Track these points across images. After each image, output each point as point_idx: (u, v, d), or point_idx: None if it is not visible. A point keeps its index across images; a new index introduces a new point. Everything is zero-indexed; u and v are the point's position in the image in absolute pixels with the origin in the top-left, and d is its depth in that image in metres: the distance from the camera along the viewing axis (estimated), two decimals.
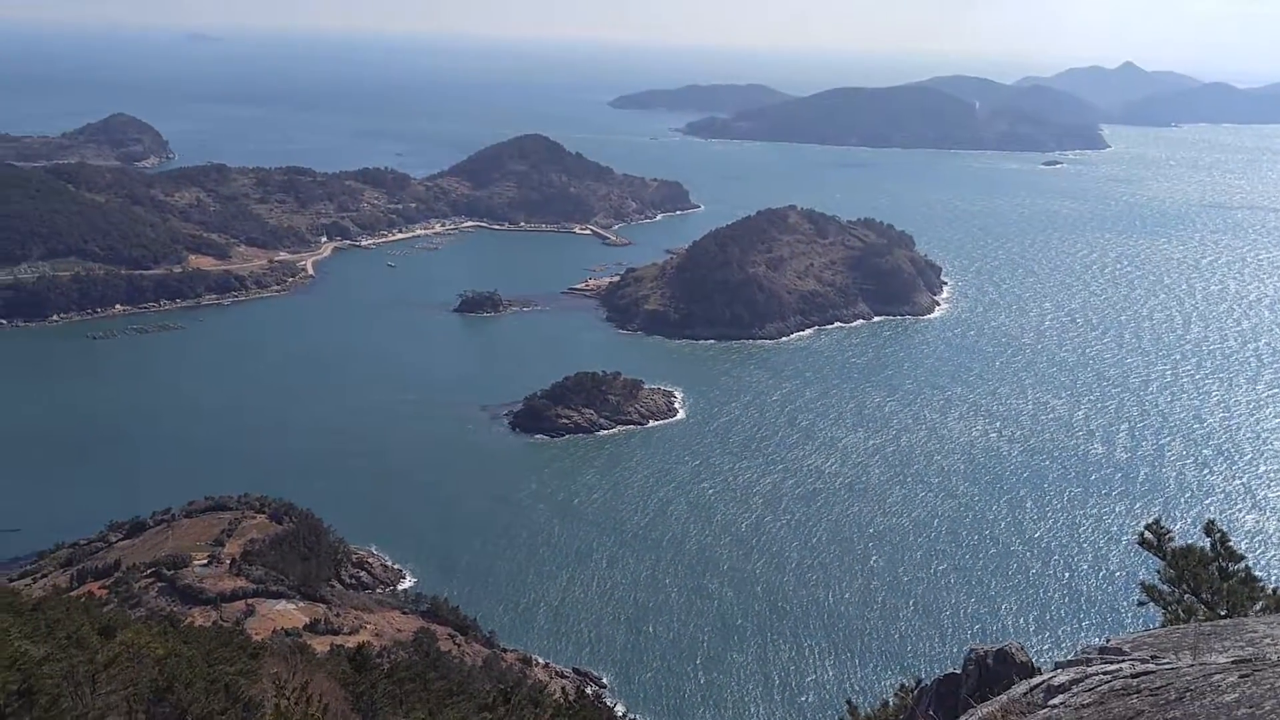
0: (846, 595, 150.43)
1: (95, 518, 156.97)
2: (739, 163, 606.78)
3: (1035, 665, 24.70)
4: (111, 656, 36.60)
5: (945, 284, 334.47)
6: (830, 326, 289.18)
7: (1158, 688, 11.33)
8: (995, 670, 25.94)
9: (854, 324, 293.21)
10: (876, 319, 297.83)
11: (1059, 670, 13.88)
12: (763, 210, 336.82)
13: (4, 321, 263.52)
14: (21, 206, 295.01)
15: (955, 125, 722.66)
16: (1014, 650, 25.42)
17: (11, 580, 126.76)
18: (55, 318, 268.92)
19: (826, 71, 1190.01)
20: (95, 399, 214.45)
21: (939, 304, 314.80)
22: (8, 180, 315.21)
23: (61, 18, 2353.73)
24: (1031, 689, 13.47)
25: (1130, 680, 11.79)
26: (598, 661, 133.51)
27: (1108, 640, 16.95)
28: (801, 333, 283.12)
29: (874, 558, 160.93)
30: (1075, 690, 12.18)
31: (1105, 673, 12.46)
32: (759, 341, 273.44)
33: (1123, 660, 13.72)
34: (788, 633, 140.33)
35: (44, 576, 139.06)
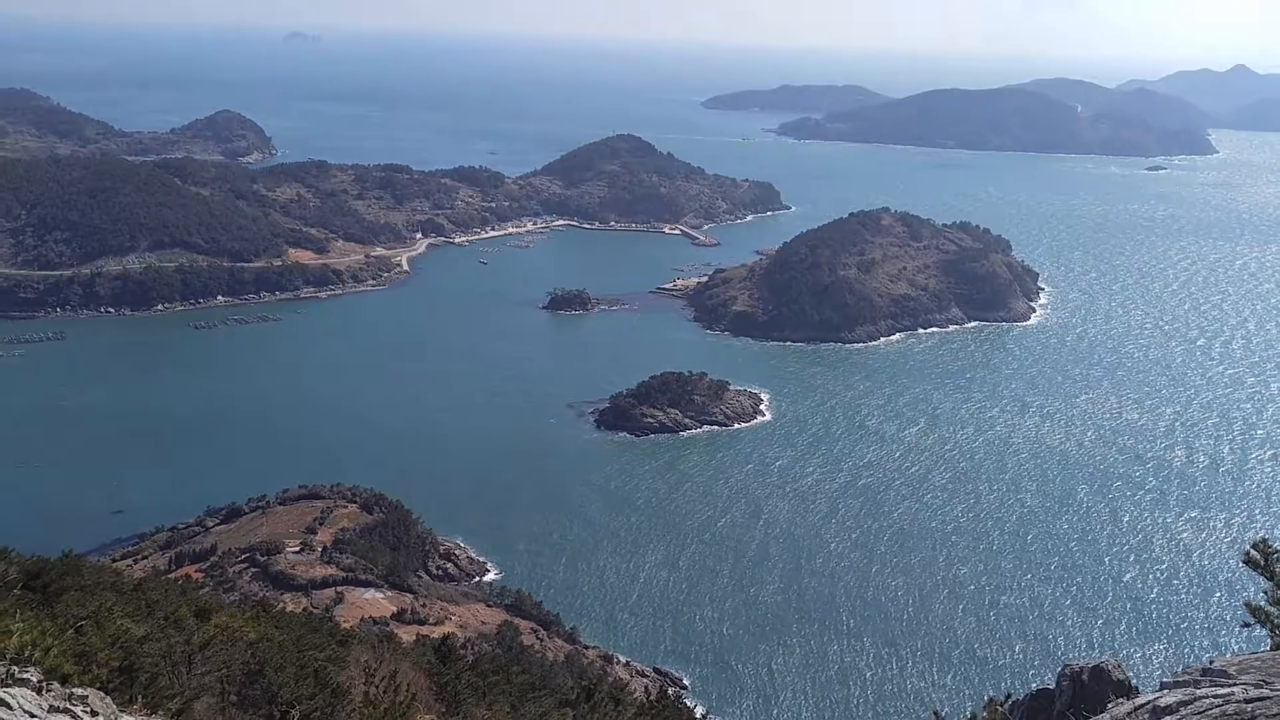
0: (932, 601, 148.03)
1: (194, 502, 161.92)
2: (832, 164, 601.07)
3: (1133, 684, 23.92)
4: (207, 638, 37.54)
5: (1042, 290, 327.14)
6: (922, 332, 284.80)
7: (1275, 715, 10.80)
8: (1090, 687, 25.16)
9: (947, 329, 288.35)
10: (970, 325, 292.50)
11: (1164, 691, 13.34)
12: (855, 212, 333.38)
13: (112, 310, 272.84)
14: (130, 199, 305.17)
15: (1056, 129, 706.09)
16: (1111, 667, 24.68)
17: (114, 560, 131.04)
18: (160, 307, 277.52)
19: (924, 73, 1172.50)
20: (196, 387, 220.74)
21: (1035, 310, 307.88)
22: (118, 174, 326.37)
23: (171, 20, 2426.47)
24: (1136, 709, 12.96)
25: (1244, 705, 11.27)
26: (678, 662, 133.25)
27: (1211, 661, 16.30)
28: (892, 337, 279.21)
29: (962, 565, 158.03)
30: (1184, 713, 11.67)
31: (1216, 696, 11.92)
32: (849, 345, 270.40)
33: (1232, 684, 13.14)
34: (867, 637, 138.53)
35: (144, 558, 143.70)
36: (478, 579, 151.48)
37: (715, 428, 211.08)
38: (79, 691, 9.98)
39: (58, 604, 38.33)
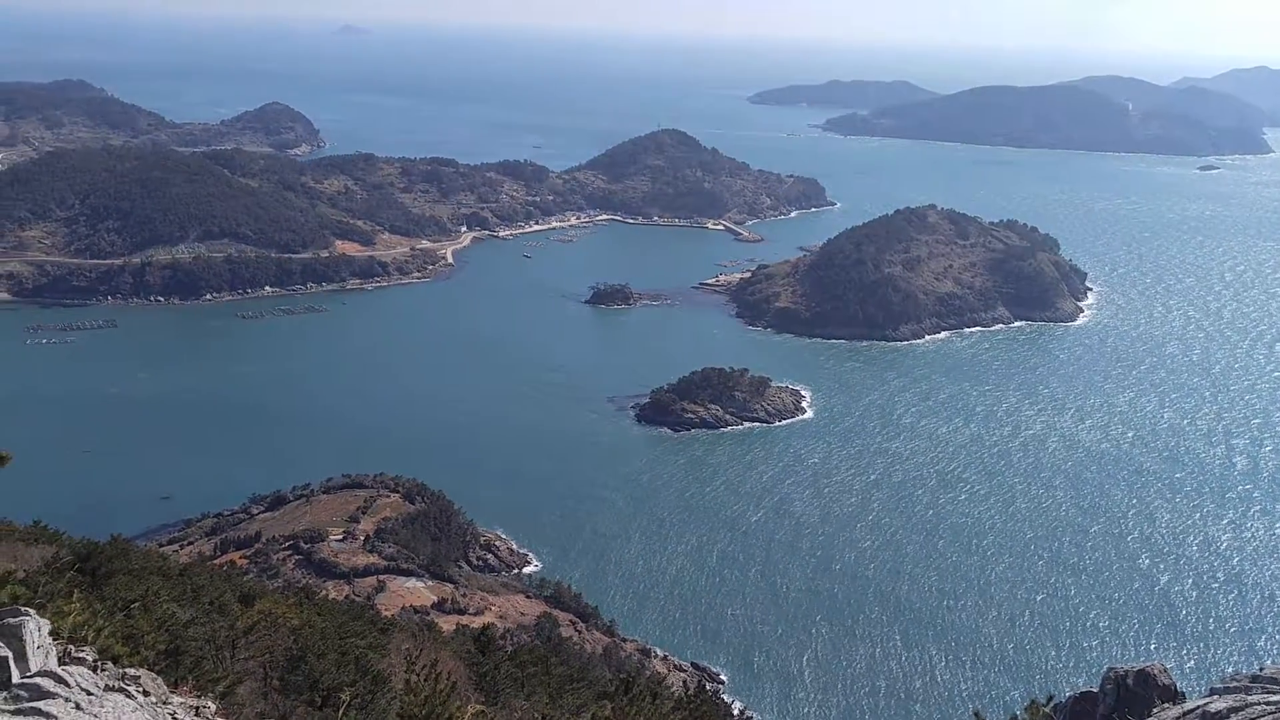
0: (963, 600, 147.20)
1: (239, 489, 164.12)
2: (878, 160, 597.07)
3: (1178, 689, 23.60)
4: (250, 624, 38.07)
5: (1090, 290, 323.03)
6: (968, 331, 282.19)
7: None
8: (1135, 691, 24.85)
9: (993, 328, 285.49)
10: (1016, 324, 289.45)
11: (1214, 697, 13.14)
12: (901, 209, 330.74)
13: (161, 299, 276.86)
14: (181, 190, 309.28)
15: (1106, 127, 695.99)
16: (1156, 672, 24.34)
17: (161, 545, 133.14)
18: (209, 297, 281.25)
19: (973, 69, 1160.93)
20: (243, 376, 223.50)
21: (1082, 310, 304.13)
22: (169, 165, 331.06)
23: (226, 12, 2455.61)
24: (1184, 714, 12.78)
25: None
26: (715, 656, 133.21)
27: (1261, 669, 16.06)
28: (937, 335, 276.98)
29: (994, 565, 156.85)
30: (1235, 719, 11.49)
31: (1269, 703, 11.73)
32: (893, 343, 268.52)
33: None
34: (899, 635, 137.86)
35: (190, 543, 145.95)
36: (517, 570, 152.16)
37: (756, 424, 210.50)
38: (131, 672, 10.16)
39: (107, 587, 39.01)
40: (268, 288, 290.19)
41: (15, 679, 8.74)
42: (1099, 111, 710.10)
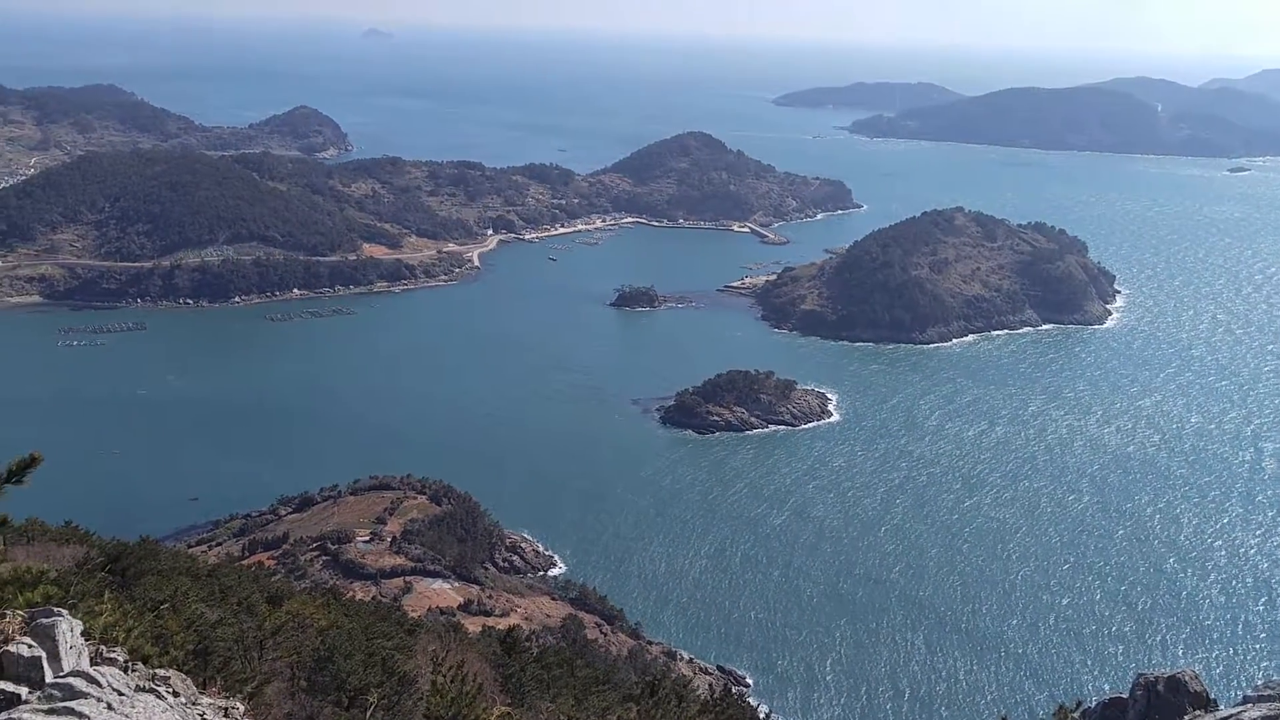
0: (986, 604, 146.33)
1: (267, 491, 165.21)
2: (905, 162, 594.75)
3: (1210, 696, 23.38)
4: (278, 624, 38.27)
5: (1119, 293, 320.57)
6: (995, 334, 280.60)
7: None
8: (1166, 698, 24.61)
9: (1020, 331, 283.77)
10: (1044, 327, 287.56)
11: (1248, 705, 12.99)
12: (928, 211, 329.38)
13: (190, 301, 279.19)
14: (210, 194, 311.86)
15: (1135, 128, 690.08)
16: (1188, 678, 24.15)
17: (190, 546, 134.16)
18: (237, 299, 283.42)
19: (1000, 70, 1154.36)
20: (271, 378, 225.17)
21: (1111, 313, 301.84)
22: (198, 168, 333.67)
23: (255, 14, 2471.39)
24: None
25: None
26: (740, 659, 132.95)
27: None
28: (964, 338, 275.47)
29: (1018, 569, 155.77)
30: None
31: None
32: (919, 346, 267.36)
33: None
34: (921, 639, 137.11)
35: (219, 544, 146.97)
36: (543, 572, 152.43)
37: (781, 427, 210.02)
38: (161, 672, 10.25)
39: (136, 587, 39.35)
40: (296, 290, 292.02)
41: (49, 678, 8.85)
42: (1128, 113, 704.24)
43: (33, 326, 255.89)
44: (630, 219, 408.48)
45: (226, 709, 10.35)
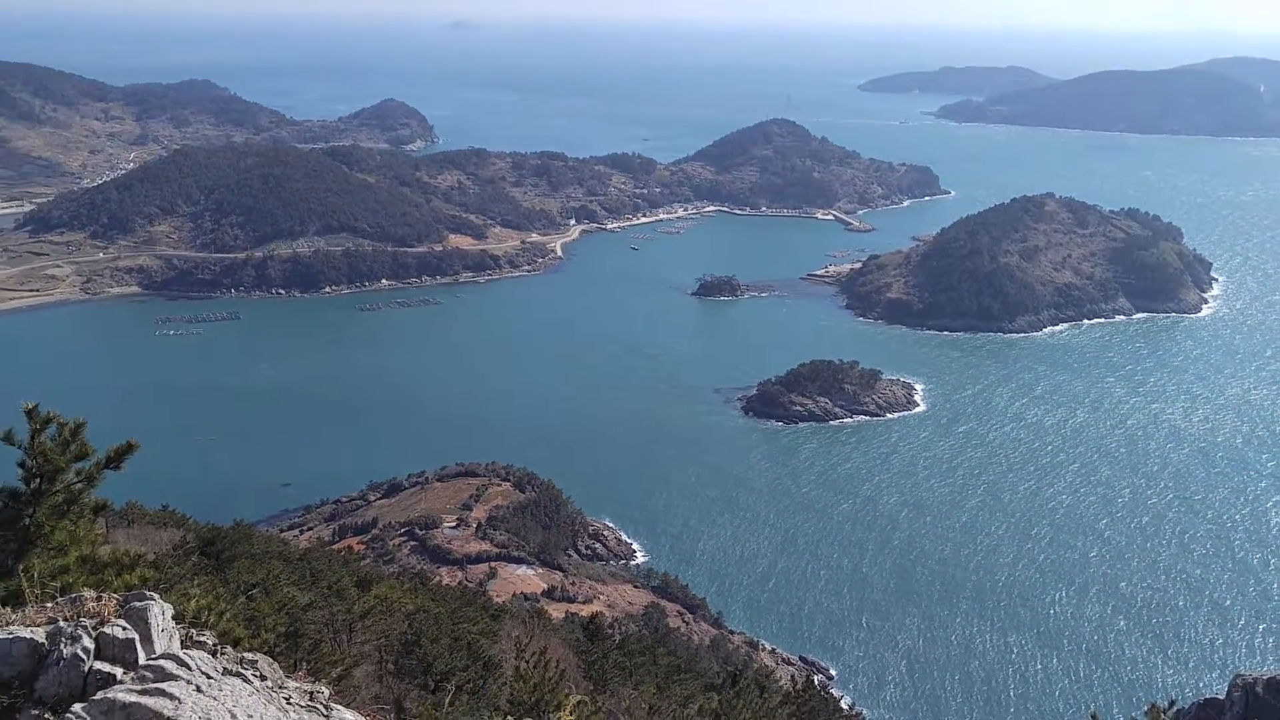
0: (1061, 596, 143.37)
1: (357, 476, 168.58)
2: (993, 147, 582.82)
3: None
4: (367, 608, 38.99)
5: (1216, 280, 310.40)
6: (1086, 322, 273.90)
7: None
8: (1266, 701, 23.86)
9: (1113, 320, 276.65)
10: (1138, 315, 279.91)
11: None
12: (1017, 197, 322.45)
13: (282, 291, 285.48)
14: (301, 186, 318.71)
15: (1235, 110, 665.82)
16: None
17: (282, 531, 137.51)
18: (327, 289, 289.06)
19: (1092, 52, 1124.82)
20: (360, 366, 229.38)
21: (1207, 301, 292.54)
22: (289, 161, 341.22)
23: (344, 9, 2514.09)
24: None
25: None
26: (824, 650, 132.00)
27: None
28: (1055, 327, 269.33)
29: (1095, 564, 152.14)
30: None
31: None
32: (1008, 335, 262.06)
33: None
34: (1012, 636, 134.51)
35: (310, 529, 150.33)
36: (625, 560, 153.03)
37: (866, 417, 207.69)
38: (249, 656, 10.46)
39: (230, 570, 40.40)
40: (384, 281, 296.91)
41: (141, 660, 9.10)
42: (1227, 94, 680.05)
43: (132, 316, 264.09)
44: (712, 208, 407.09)
45: (312, 693, 10.53)
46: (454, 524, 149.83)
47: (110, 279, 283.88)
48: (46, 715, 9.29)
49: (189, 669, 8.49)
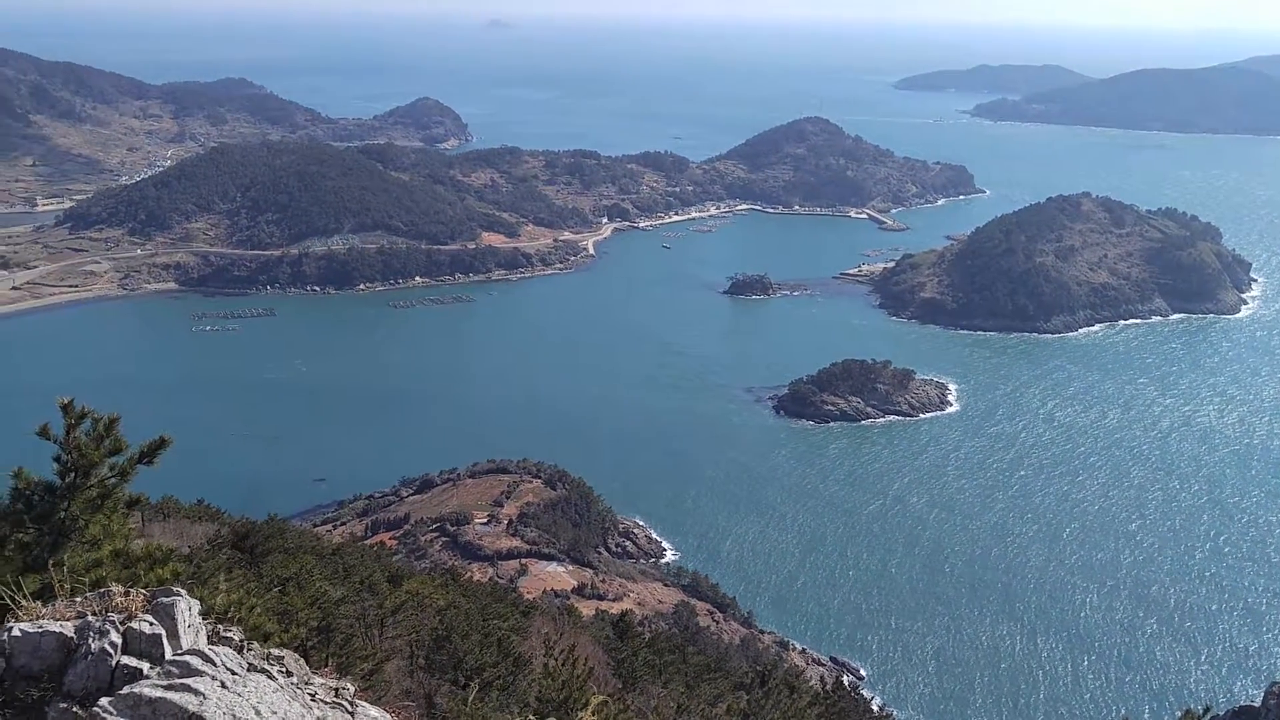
0: (1089, 598, 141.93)
1: (389, 472, 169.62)
2: (1029, 146, 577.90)
3: None
4: (398, 603, 39.14)
5: (1255, 281, 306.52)
6: (1122, 323, 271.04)
7: None
8: None
9: (1150, 321, 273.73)
10: (1175, 316, 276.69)
11: None
12: (1053, 197, 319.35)
13: (317, 288, 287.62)
14: (336, 184, 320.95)
15: (1274, 109, 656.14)
16: None
17: (315, 526, 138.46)
18: (362, 286, 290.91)
19: (1128, 51, 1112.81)
20: (394, 363, 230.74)
21: (1246, 302, 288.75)
22: (325, 159, 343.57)
23: (379, 8, 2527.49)
24: None
25: None
26: (855, 651, 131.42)
27: None
28: (1091, 328, 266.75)
29: (1126, 566, 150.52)
30: None
31: None
32: (1043, 335, 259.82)
33: None
34: (1041, 638, 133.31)
35: (343, 524, 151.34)
36: (655, 559, 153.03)
37: (898, 417, 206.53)
38: (275, 652, 10.49)
39: (263, 564, 40.67)
40: (417, 278, 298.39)
41: (168, 655, 9.14)
42: (1266, 93, 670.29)
43: (169, 312, 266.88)
44: (745, 206, 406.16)
45: (338, 689, 10.54)
46: (485, 520, 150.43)
47: (148, 275, 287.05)
48: (75, 709, 9.38)
49: (214, 665, 8.52)
